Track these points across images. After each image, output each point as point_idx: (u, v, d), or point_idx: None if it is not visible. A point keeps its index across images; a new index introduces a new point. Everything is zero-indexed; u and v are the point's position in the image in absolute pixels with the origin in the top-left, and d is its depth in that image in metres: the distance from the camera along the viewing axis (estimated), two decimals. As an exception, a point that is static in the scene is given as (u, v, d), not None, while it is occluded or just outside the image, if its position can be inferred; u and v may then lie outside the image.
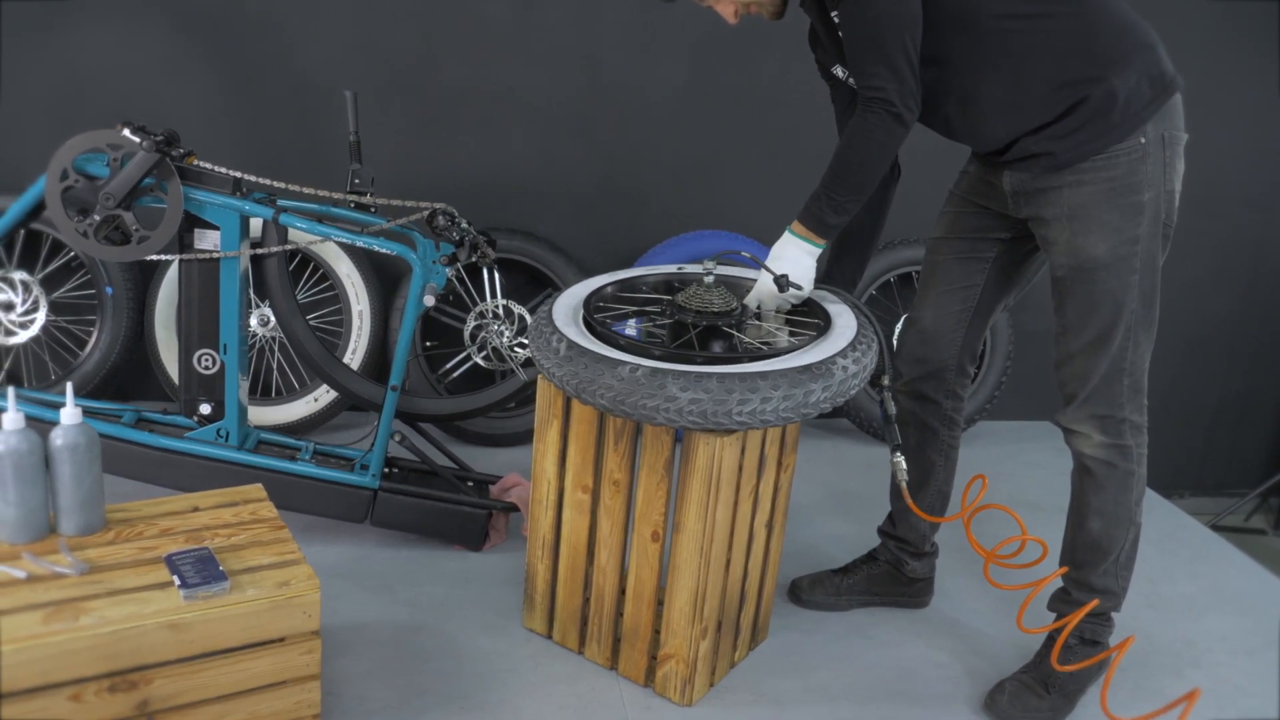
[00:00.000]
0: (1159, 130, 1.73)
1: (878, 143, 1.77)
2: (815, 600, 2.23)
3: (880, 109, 1.74)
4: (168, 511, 1.80)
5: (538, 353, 1.85)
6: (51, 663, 1.44)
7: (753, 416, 1.68)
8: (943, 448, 2.14)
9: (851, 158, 1.80)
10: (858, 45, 1.75)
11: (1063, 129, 1.74)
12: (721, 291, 1.96)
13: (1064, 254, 1.79)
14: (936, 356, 2.07)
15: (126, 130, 1.98)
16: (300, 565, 1.66)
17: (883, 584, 2.25)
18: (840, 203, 1.84)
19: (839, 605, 2.24)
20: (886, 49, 1.71)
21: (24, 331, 2.76)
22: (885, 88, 1.72)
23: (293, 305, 2.18)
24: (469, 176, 3.00)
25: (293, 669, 1.63)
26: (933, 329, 2.06)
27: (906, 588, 2.25)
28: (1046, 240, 1.83)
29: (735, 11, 1.94)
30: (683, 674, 1.88)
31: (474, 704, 1.86)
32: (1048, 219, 1.81)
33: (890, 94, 1.72)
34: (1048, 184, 1.79)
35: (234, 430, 2.22)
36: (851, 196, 1.83)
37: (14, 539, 1.64)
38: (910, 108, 1.75)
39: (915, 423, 2.12)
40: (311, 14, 2.81)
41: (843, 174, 1.82)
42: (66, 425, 1.64)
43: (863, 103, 1.77)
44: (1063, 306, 1.83)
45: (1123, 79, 1.70)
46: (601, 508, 1.92)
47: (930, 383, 2.09)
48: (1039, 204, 1.81)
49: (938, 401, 2.10)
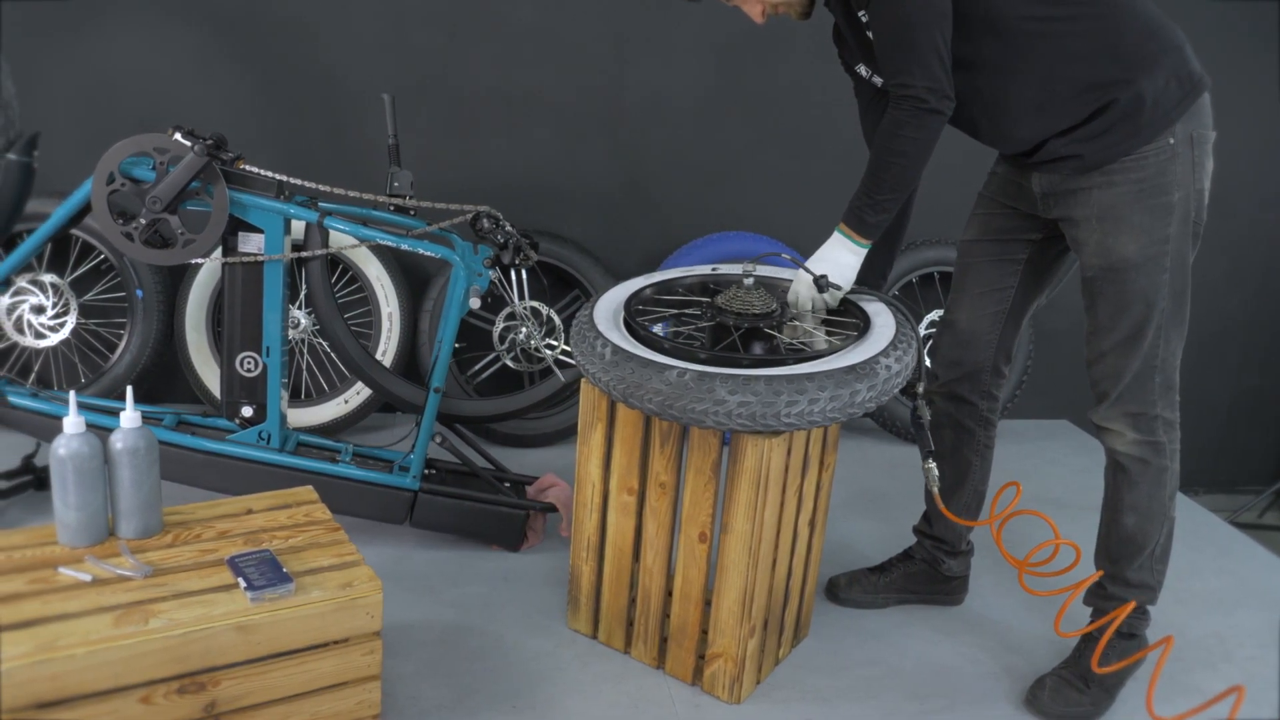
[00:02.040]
0: (1188, 130, 1.75)
1: (909, 138, 1.77)
2: (853, 598, 2.25)
3: (909, 105, 1.74)
4: (223, 514, 1.81)
5: (582, 357, 1.86)
6: (124, 665, 1.45)
7: (800, 418, 1.71)
8: (979, 448, 2.16)
9: (885, 155, 1.81)
10: (887, 43, 1.76)
11: (1091, 131, 1.76)
12: (761, 293, 1.98)
13: (1094, 254, 1.81)
14: (972, 358, 2.10)
15: (178, 134, 1.99)
16: (361, 566, 1.68)
17: (919, 582, 2.27)
18: (878, 201, 1.85)
19: (876, 603, 2.26)
20: (916, 45, 1.71)
21: (54, 334, 2.77)
22: (914, 84, 1.73)
23: (334, 308, 2.19)
24: (495, 178, 3.02)
25: (355, 669, 1.65)
26: (968, 331, 2.08)
27: (943, 586, 2.28)
28: (1076, 241, 1.85)
29: (763, 12, 1.95)
30: (731, 672, 1.90)
31: (525, 703, 1.88)
32: (1077, 220, 1.83)
33: (918, 90, 1.73)
34: (1077, 185, 1.81)
35: (275, 432, 2.24)
36: (888, 194, 1.84)
37: (75, 542, 1.65)
38: (942, 102, 1.75)
39: (951, 423, 2.14)
40: (339, 17, 2.82)
41: (878, 172, 1.83)
42: (126, 429, 1.66)
43: (892, 100, 1.78)
44: (1094, 306, 1.85)
45: (1151, 80, 1.72)
46: (648, 509, 1.94)
47: (966, 384, 2.11)
48: (1068, 205, 1.84)
49: (973, 402, 2.13)
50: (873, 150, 1.85)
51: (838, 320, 2.03)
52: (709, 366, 1.74)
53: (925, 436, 1.94)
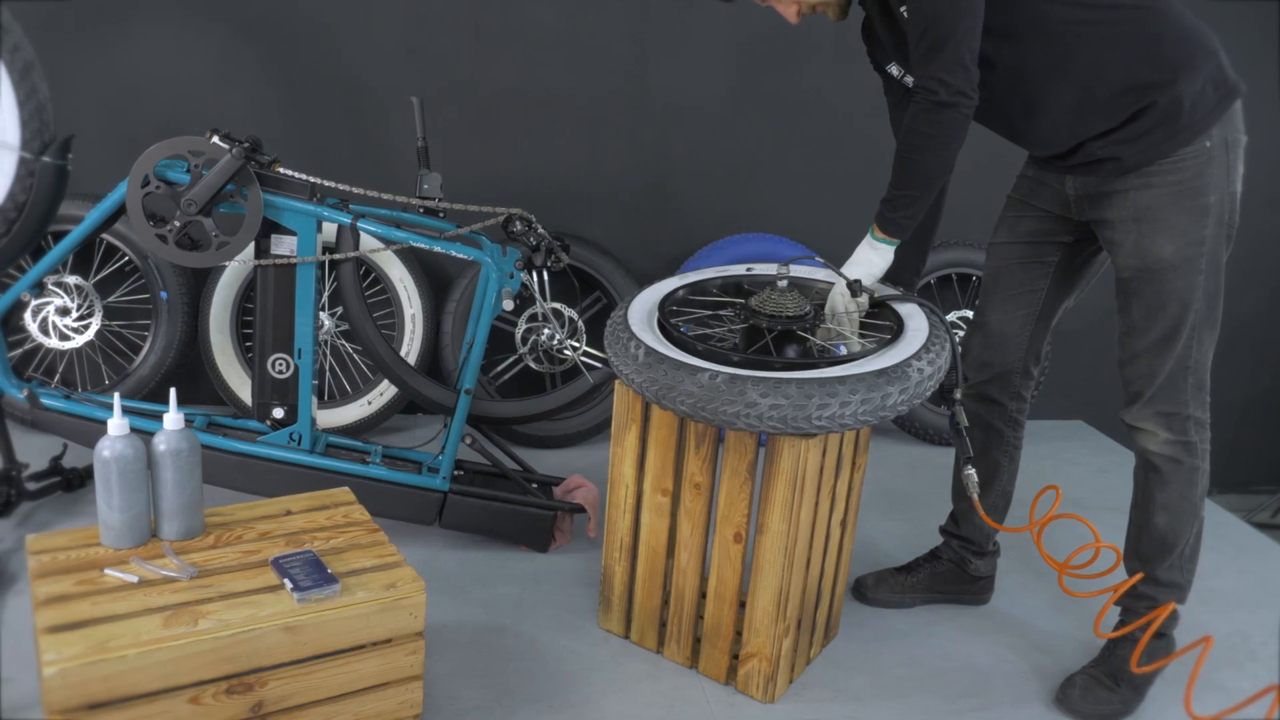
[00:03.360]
0: (1223, 134, 1.77)
1: (923, 133, 1.77)
2: (880, 598, 2.27)
3: (925, 99, 1.75)
4: (262, 515, 1.82)
5: (616, 358, 1.88)
6: (174, 666, 1.46)
7: (832, 421, 1.72)
8: (1008, 449, 2.18)
9: (903, 151, 1.82)
10: (918, 38, 1.75)
11: (1130, 133, 1.77)
12: (795, 295, 1.99)
13: (1130, 255, 1.82)
14: (1002, 360, 2.11)
15: (215, 137, 1.99)
16: (403, 567, 1.69)
17: (946, 582, 2.29)
18: (897, 197, 1.85)
19: (903, 603, 2.28)
20: (944, 41, 1.71)
21: (79, 336, 2.77)
22: (933, 78, 1.72)
23: (365, 310, 2.20)
24: (517, 180, 3.03)
25: (398, 669, 1.66)
26: (999, 333, 2.10)
27: (969, 585, 2.29)
28: (1112, 242, 1.86)
29: (798, 11, 1.94)
30: (765, 672, 1.92)
31: (562, 703, 1.89)
32: (1113, 221, 1.84)
33: (934, 83, 1.72)
34: (1113, 187, 1.82)
35: (306, 434, 2.24)
36: (908, 190, 1.84)
37: (118, 544, 1.66)
38: (957, 97, 1.73)
39: (981, 425, 2.16)
40: (363, 20, 2.83)
41: (901, 170, 1.83)
42: (170, 430, 1.67)
43: (917, 94, 1.77)
44: (1128, 306, 1.86)
45: (1189, 84, 1.73)
46: (682, 510, 1.95)
47: (996, 385, 2.13)
48: (1103, 207, 1.85)
49: (1003, 404, 2.14)
50: (899, 148, 1.85)
51: (871, 323, 2.04)
52: (741, 369, 1.75)
53: (964, 442, 1.94)
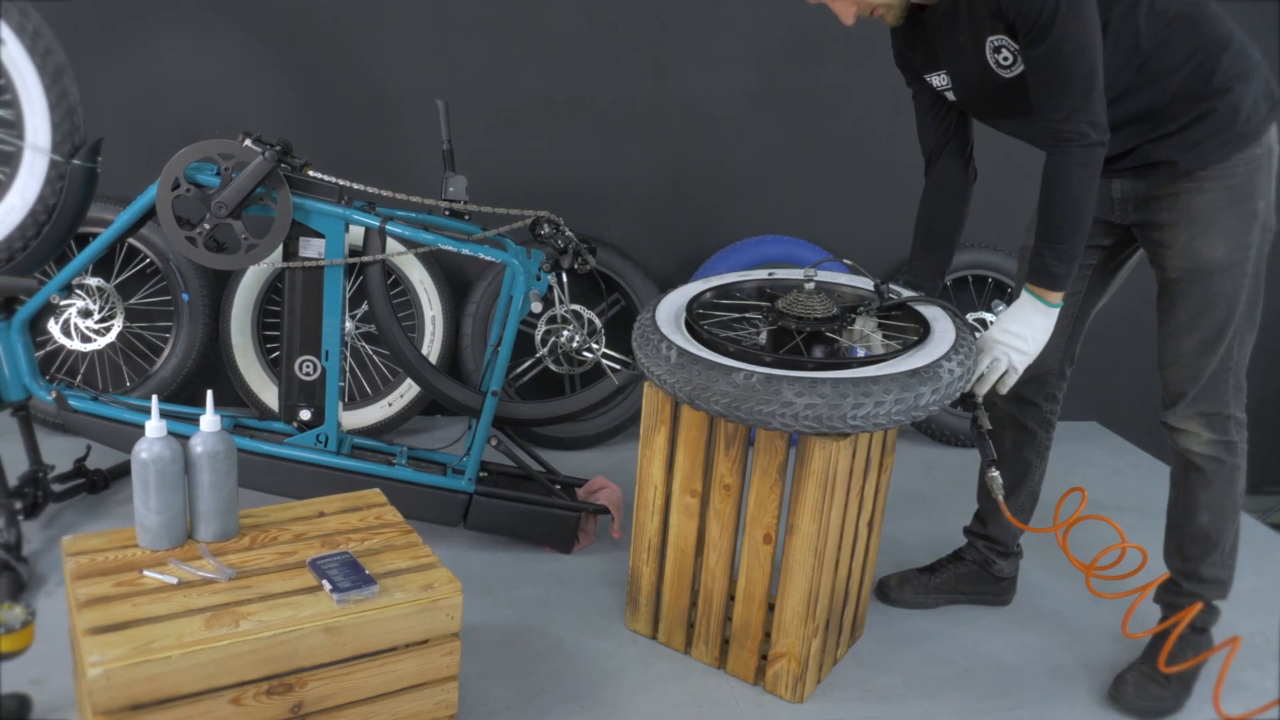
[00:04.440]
0: (1269, 142, 1.81)
1: (1079, 178, 1.73)
2: (905, 599, 2.28)
3: (1076, 145, 1.71)
4: (296, 516, 1.83)
5: (646, 359, 1.88)
6: (216, 667, 1.46)
7: (866, 420, 1.73)
8: (1039, 449, 2.20)
9: (1061, 203, 1.76)
10: (1052, 78, 1.71)
11: (1188, 139, 1.79)
12: (822, 298, 2.00)
13: (1180, 257, 1.84)
14: (1040, 361, 2.06)
15: (248, 141, 2.00)
16: (439, 569, 1.70)
17: (970, 583, 2.30)
18: (1061, 251, 1.79)
19: (926, 603, 2.29)
20: (1082, 81, 1.68)
21: (101, 338, 2.78)
22: (1079, 121, 1.69)
23: (392, 313, 2.21)
24: (536, 182, 3.04)
25: (434, 670, 1.66)
26: None
27: (993, 586, 2.31)
28: (1159, 244, 1.88)
29: (856, 14, 1.91)
30: (794, 672, 1.93)
31: (592, 703, 1.90)
32: (1163, 224, 1.86)
33: (1083, 126, 1.70)
34: (1164, 190, 1.84)
35: (333, 435, 2.25)
36: (1072, 240, 1.78)
37: (155, 545, 1.67)
38: (1103, 134, 1.72)
39: (1014, 425, 2.17)
40: (384, 23, 2.84)
41: (1054, 220, 1.78)
42: (206, 432, 1.67)
43: (1054, 137, 1.73)
44: (1173, 308, 1.88)
45: (1245, 93, 1.77)
46: (711, 511, 1.96)
47: (1031, 386, 2.13)
48: (1152, 210, 1.87)
49: (1038, 404, 2.16)
50: (1041, 200, 1.79)
51: (897, 325, 2.05)
52: (775, 369, 1.76)
53: (986, 445, 1.95)
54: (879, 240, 3.29)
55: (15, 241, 2.07)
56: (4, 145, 2.05)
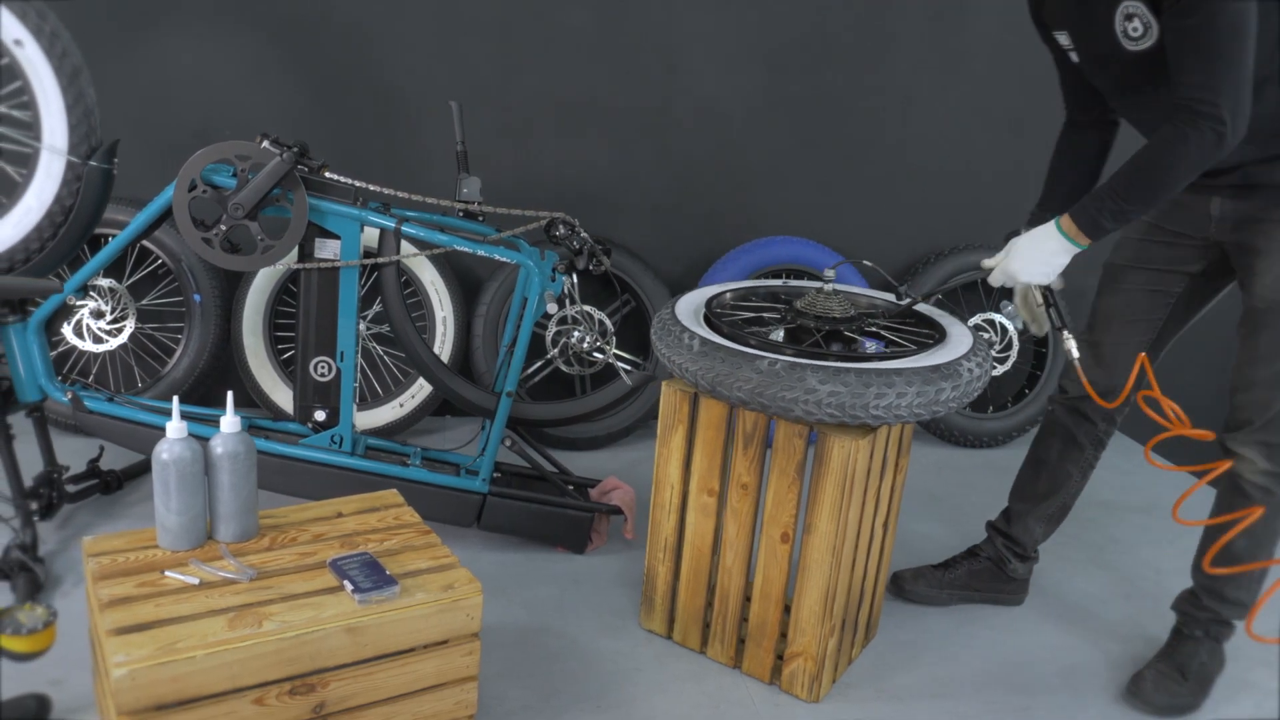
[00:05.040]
0: None
1: (1192, 160, 1.64)
2: (919, 592, 2.28)
3: (1208, 125, 1.61)
4: (314, 517, 1.83)
5: (668, 349, 1.89)
6: (240, 667, 1.47)
7: (888, 411, 1.74)
8: (1083, 464, 2.18)
9: (1157, 168, 1.68)
10: (1201, 51, 1.60)
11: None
12: (840, 299, 2.01)
13: (1271, 289, 1.79)
14: (1107, 381, 2.07)
15: (266, 143, 2.01)
16: (458, 569, 1.70)
17: (983, 580, 2.30)
18: (1124, 210, 1.73)
19: (939, 599, 2.29)
20: (1234, 62, 1.58)
21: (113, 339, 2.78)
22: (1221, 104, 1.60)
23: (406, 314, 2.21)
24: (546, 184, 3.04)
25: (454, 670, 1.67)
26: (1110, 356, 2.06)
27: (1006, 585, 2.31)
28: (1251, 270, 1.82)
29: None
30: (810, 671, 1.93)
31: (608, 703, 1.90)
32: (1258, 249, 1.80)
33: (1224, 112, 1.60)
34: (1266, 215, 1.78)
35: (348, 436, 2.26)
36: (1140, 207, 1.72)
37: (175, 546, 1.67)
38: (1239, 130, 1.63)
39: (1064, 435, 2.15)
40: (395, 24, 2.84)
41: (1141, 181, 1.70)
42: (226, 433, 1.68)
43: (1187, 112, 1.63)
44: (1255, 335, 1.83)
45: None
46: (728, 510, 1.97)
47: (1091, 403, 2.10)
48: (1250, 233, 1.81)
49: (1094, 422, 2.14)
50: (1139, 155, 1.70)
51: (911, 328, 2.06)
52: (799, 358, 1.77)
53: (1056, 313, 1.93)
54: (889, 242, 3.30)
55: (32, 243, 2.07)
56: (21, 146, 2.06)
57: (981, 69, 3.18)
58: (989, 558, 2.30)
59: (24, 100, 2.02)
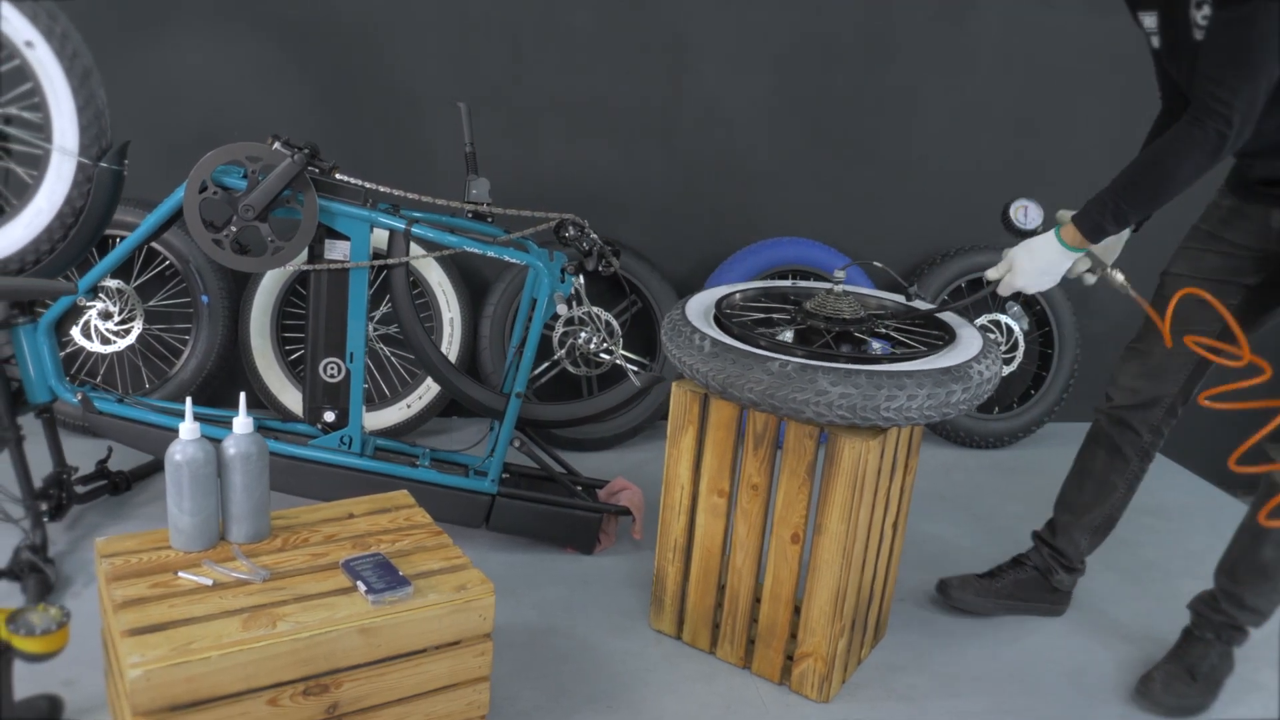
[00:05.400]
0: None
1: (1194, 162, 1.65)
2: (965, 600, 2.24)
3: (1214, 126, 1.62)
4: (325, 518, 1.83)
5: (679, 350, 1.89)
6: (254, 668, 1.47)
7: (898, 413, 1.74)
8: (1129, 476, 2.15)
9: (1159, 170, 1.68)
10: (1226, 52, 1.61)
11: None
12: (850, 300, 2.02)
13: None
14: (1154, 391, 2.06)
15: (277, 144, 2.01)
16: (471, 570, 1.70)
17: (1028, 590, 2.27)
18: (1125, 212, 1.74)
19: (985, 609, 2.26)
20: (1258, 68, 1.58)
21: (121, 340, 2.78)
22: (1235, 106, 1.60)
23: (415, 315, 2.21)
24: (553, 184, 3.05)
25: (467, 671, 1.67)
26: (1159, 366, 2.04)
27: (1049, 595, 2.28)
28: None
29: None
30: (820, 671, 1.93)
31: (620, 703, 1.90)
32: None
33: (1236, 114, 1.61)
34: None
35: (357, 437, 2.26)
36: (1140, 209, 1.73)
37: (189, 547, 1.67)
38: (1243, 135, 1.64)
39: (1110, 446, 2.13)
40: (402, 26, 2.84)
41: (1142, 183, 1.71)
42: (239, 434, 1.68)
43: (1200, 107, 1.63)
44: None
45: None
46: (738, 511, 1.97)
47: (1139, 414, 2.08)
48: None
49: (1140, 433, 2.10)
50: (1142, 157, 1.72)
51: (920, 330, 2.06)
52: (810, 360, 1.78)
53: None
54: (895, 242, 3.30)
55: (42, 244, 2.08)
56: (32, 148, 2.06)
57: (987, 69, 3.19)
58: (1035, 567, 2.27)
59: (34, 102, 2.03)
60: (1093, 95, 3.26)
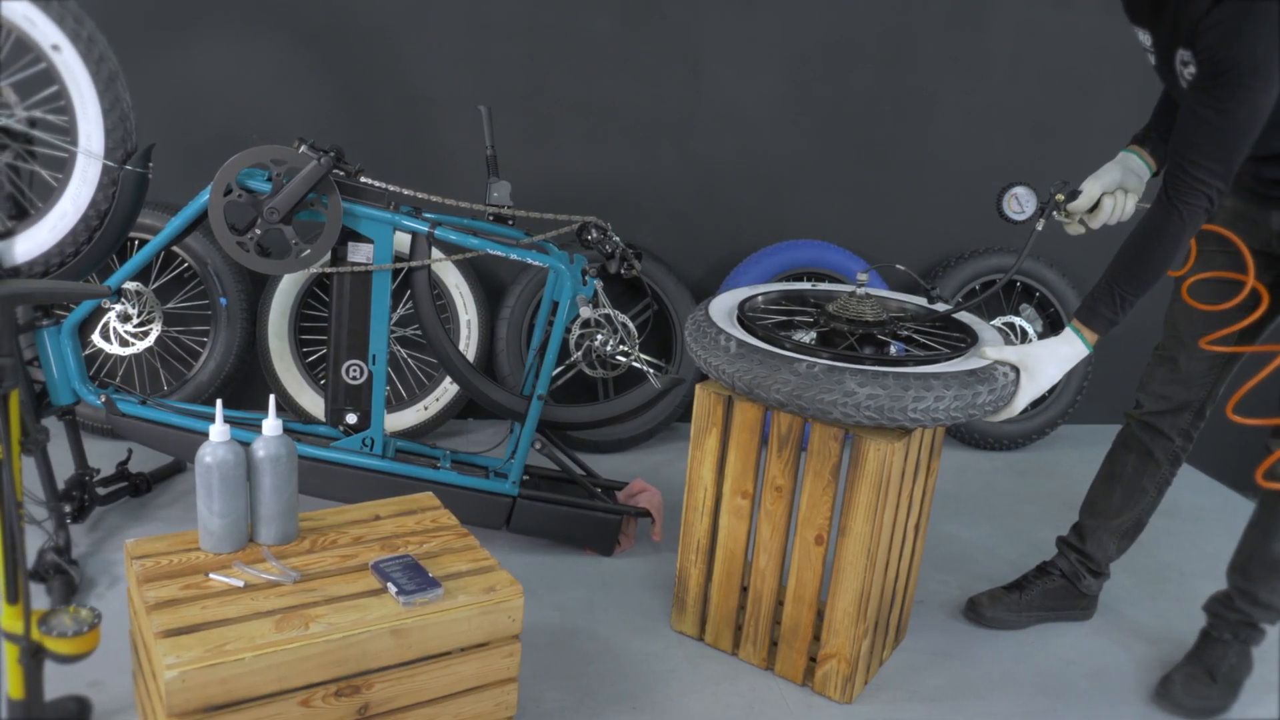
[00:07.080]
0: None
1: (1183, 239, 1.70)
2: (998, 618, 2.24)
3: (1200, 204, 1.68)
4: (352, 520, 1.84)
5: (704, 351, 1.90)
6: (287, 669, 1.48)
7: (925, 414, 1.75)
8: (1159, 480, 2.16)
9: (1151, 251, 1.72)
10: (1206, 128, 1.65)
11: None
12: (873, 303, 2.02)
13: None
14: (1183, 396, 2.07)
15: (303, 147, 2.02)
16: (499, 571, 1.71)
17: (1057, 598, 2.27)
18: (1126, 299, 1.78)
19: (1018, 623, 2.25)
20: (1240, 149, 1.64)
21: (140, 342, 2.79)
22: (1213, 185, 1.66)
23: (436, 317, 2.22)
24: (569, 187, 3.05)
25: (495, 672, 1.68)
26: (1186, 371, 2.06)
27: (1078, 601, 2.29)
28: None
29: None
30: (843, 673, 1.94)
31: (644, 704, 1.91)
32: None
33: (1215, 191, 1.66)
34: None
35: (379, 439, 2.27)
36: (1139, 293, 1.76)
37: (218, 549, 1.68)
38: (1218, 204, 1.69)
39: (1140, 451, 2.14)
40: (421, 29, 2.85)
41: (1143, 272, 1.75)
42: (268, 436, 1.68)
43: (1185, 185, 1.68)
44: None
45: None
46: (762, 513, 1.98)
47: (1168, 419, 2.10)
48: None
49: (1170, 438, 2.12)
50: (1130, 245, 1.76)
51: (941, 332, 2.07)
52: (836, 361, 1.78)
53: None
54: (911, 245, 3.31)
55: (67, 247, 2.08)
56: (57, 151, 2.07)
57: (1003, 72, 3.19)
58: (1063, 574, 2.27)
59: (60, 105, 2.03)
60: (1108, 97, 3.27)
